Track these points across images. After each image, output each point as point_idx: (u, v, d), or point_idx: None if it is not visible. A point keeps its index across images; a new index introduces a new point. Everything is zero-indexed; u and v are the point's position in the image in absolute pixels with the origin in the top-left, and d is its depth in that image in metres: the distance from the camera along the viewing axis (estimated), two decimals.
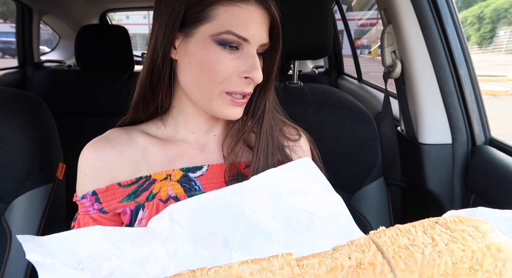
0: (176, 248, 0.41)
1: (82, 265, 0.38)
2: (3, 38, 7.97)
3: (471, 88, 0.85)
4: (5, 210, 0.76)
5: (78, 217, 0.56)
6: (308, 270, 0.33)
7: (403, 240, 0.34)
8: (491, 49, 12.02)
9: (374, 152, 0.82)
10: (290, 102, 0.85)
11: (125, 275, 0.39)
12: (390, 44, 0.92)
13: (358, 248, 0.34)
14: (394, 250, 0.33)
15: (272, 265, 0.34)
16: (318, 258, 0.34)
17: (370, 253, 0.33)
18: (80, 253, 0.39)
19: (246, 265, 0.34)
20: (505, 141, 0.82)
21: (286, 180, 0.46)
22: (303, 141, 0.67)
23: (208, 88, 0.52)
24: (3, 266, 0.74)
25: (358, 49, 11.91)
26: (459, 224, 0.35)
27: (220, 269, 0.34)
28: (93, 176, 0.55)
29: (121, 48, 1.72)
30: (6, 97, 0.80)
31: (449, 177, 0.87)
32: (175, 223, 0.42)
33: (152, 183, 0.56)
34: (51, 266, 0.37)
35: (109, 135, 0.58)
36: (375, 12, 9.13)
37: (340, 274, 0.32)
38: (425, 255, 0.32)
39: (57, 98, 1.68)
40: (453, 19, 0.84)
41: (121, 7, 2.64)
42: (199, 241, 0.41)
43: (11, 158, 0.75)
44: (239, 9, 0.49)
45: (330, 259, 0.34)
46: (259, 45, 0.52)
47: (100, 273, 0.38)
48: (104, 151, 0.55)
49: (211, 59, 0.50)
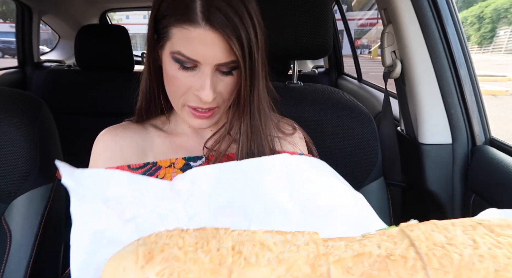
0: (196, 212, 0.41)
1: (108, 204, 0.40)
2: (3, 38, 7.98)
3: (471, 88, 0.85)
4: (5, 210, 0.76)
5: None
6: (334, 251, 0.32)
7: (439, 237, 0.32)
8: (491, 49, 12.02)
9: (374, 152, 0.82)
10: (290, 102, 0.85)
11: (146, 224, 0.40)
12: (390, 44, 0.92)
13: (390, 239, 0.32)
14: (428, 246, 0.31)
15: (297, 239, 0.33)
16: (345, 241, 0.33)
17: (403, 246, 0.31)
18: (108, 192, 0.41)
19: (270, 234, 0.33)
20: (505, 141, 0.82)
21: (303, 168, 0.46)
22: (297, 135, 0.68)
23: (173, 99, 0.58)
24: (3, 266, 0.74)
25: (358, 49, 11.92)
26: (505, 229, 0.32)
27: (243, 232, 0.34)
28: (106, 156, 0.61)
29: (121, 48, 1.72)
30: (6, 97, 0.80)
31: (449, 177, 0.86)
32: (197, 187, 0.43)
33: (157, 169, 0.60)
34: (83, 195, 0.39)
35: (124, 124, 0.65)
36: (375, 12, 9.14)
37: (367, 261, 0.30)
38: (464, 256, 0.30)
39: (57, 98, 1.68)
40: (453, 19, 0.83)
41: (121, 7, 2.64)
42: (219, 209, 0.42)
43: (11, 158, 0.75)
44: (187, 32, 0.50)
45: (358, 244, 0.32)
46: (217, 65, 0.52)
47: (124, 216, 0.40)
48: (118, 135, 0.62)
49: (171, 74, 0.54)
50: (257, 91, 0.57)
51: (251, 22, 0.51)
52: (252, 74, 0.54)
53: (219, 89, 0.55)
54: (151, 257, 0.31)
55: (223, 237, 0.33)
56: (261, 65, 0.55)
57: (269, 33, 0.83)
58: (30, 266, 0.75)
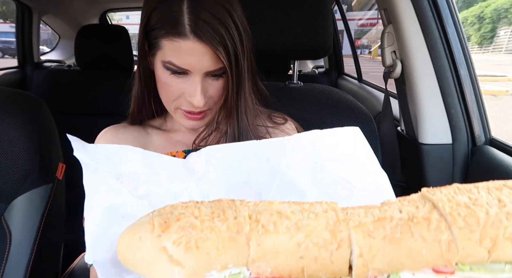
0: (209, 191, 0.41)
1: (121, 179, 0.40)
2: (3, 38, 7.98)
3: (471, 88, 0.84)
4: (5, 210, 0.76)
5: None
6: (353, 217, 0.31)
7: (463, 198, 0.31)
8: (492, 49, 12.03)
9: (374, 152, 0.82)
10: (290, 102, 0.85)
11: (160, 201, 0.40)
12: (390, 44, 0.92)
13: (411, 204, 0.32)
14: (451, 207, 0.30)
15: (315, 208, 0.32)
16: (365, 209, 0.32)
17: (425, 209, 0.31)
18: (121, 168, 0.41)
19: (287, 204, 0.33)
20: (506, 141, 0.82)
21: (330, 145, 0.44)
22: (289, 126, 0.70)
23: (166, 103, 0.61)
24: (3, 266, 0.74)
25: (358, 49, 11.92)
26: None
27: (260, 203, 0.33)
28: None
29: (121, 48, 1.71)
30: (6, 97, 0.80)
31: (449, 177, 0.86)
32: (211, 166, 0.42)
33: None
34: (95, 169, 0.39)
35: (123, 124, 0.67)
36: (375, 12, 9.14)
37: (388, 224, 0.30)
38: (490, 215, 0.29)
39: (57, 98, 1.68)
40: (454, 19, 0.83)
41: (121, 7, 2.64)
42: (233, 189, 0.41)
43: (11, 158, 0.75)
44: (177, 44, 0.53)
45: (378, 210, 0.32)
46: (207, 72, 0.55)
47: (136, 192, 0.40)
48: (119, 133, 0.64)
49: (163, 80, 0.57)
50: (243, 94, 0.60)
51: (237, 31, 0.54)
52: (239, 78, 0.57)
53: (209, 93, 0.57)
54: (167, 226, 0.30)
55: (239, 207, 0.32)
56: (247, 69, 0.58)
57: (269, 33, 0.84)
58: (30, 266, 0.75)
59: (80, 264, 0.89)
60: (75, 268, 0.87)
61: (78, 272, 0.86)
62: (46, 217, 0.79)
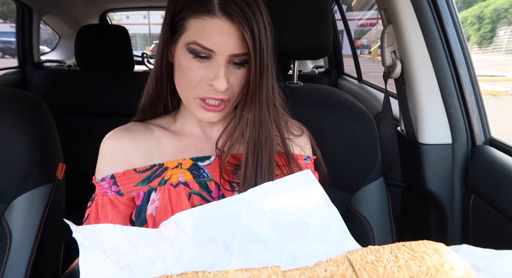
0: (181, 251, 0.46)
1: (107, 254, 0.46)
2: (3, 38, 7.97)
3: (471, 88, 0.85)
4: (5, 210, 0.76)
5: (96, 198, 0.63)
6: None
7: (371, 257, 0.41)
8: (491, 49, 12.03)
9: (374, 152, 0.82)
10: (290, 102, 0.85)
11: (138, 269, 0.46)
12: (390, 44, 0.92)
13: (334, 263, 0.41)
14: (361, 264, 0.40)
15: (262, 273, 0.40)
16: (300, 270, 0.41)
17: (343, 267, 0.40)
18: (105, 244, 0.47)
19: (240, 272, 0.40)
20: (505, 141, 0.82)
21: (283, 192, 0.50)
22: (305, 138, 0.70)
23: (184, 91, 0.59)
24: (3, 266, 0.74)
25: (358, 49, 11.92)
26: (422, 247, 0.41)
27: (218, 273, 0.41)
28: (112, 160, 0.61)
29: (121, 48, 1.71)
30: (6, 97, 0.80)
31: (449, 177, 0.87)
32: (180, 229, 0.47)
33: (164, 171, 0.61)
34: (88, 247, 0.45)
35: (128, 126, 0.65)
36: (375, 12, 9.14)
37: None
38: (387, 269, 0.39)
39: (57, 98, 1.68)
40: (453, 19, 0.83)
41: (121, 7, 2.64)
42: (202, 246, 0.47)
43: (11, 158, 0.75)
44: (204, 22, 0.52)
45: (309, 271, 0.41)
46: (230, 55, 0.54)
47: (119, 264, 0.46)
48: (123, 138, 0.62)
49: (185, 65, 0.56)
50: (266, 85, 0.58)
51: (262, 19, 0.54)
52: (261, 67, 0.56)
53: (231, 81, 0.56)
54: None
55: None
56: (270, 62, 0.58)
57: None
58: (30, 266, 0.75)
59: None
60: (75, 268, 0.88)
61: (78, 272, 0.86)
62: (46, 217, 0.79)
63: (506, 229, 0.70)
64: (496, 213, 0.73)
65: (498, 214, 0.73)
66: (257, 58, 0.54)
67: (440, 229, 0.90)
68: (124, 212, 0.62)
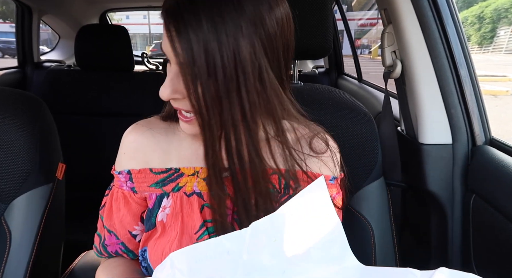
0: None
1: None
2: (3, 38, 7.96)
3: (472, 88, 0.84)
4: (5, 210, 0.76)
5: (113, 189, 0.62)
6: None
7: None
8: (492, 49, 12.02)
9: (374, 152, 0.82)
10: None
11: None
12: (390, 44, 0.92)
13: None
14: None
15: None
16: None
17: None
18: None
19: None
20: (506, 141, 0.82)
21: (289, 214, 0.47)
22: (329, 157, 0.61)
23: None
24: (2, 266, 0.74)
25: (358, 49, 11.91)
26: None
27: None
28: (130, 156, 0.60)
29: (121, 48, 1.71)
30: (6, 97, 0.80)
31: (449, 177, 0.86)
32: (176, 270, 0.45)
33: (180, 176, 0.58)
34: None
35: (151, 121, 0.62)
36: (375, 12, 9.14)
37: None
38: None
39: (57, 98, 1.68)
40: (454, 19, 0.83)
41: (121, 7, 2.64)
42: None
43: (11, 158, 0.75)
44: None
45: None
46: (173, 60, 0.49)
47: None
48: (143, 136, 0.60)
49: None
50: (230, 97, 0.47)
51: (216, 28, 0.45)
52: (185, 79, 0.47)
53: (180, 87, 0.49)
54: None
55: None
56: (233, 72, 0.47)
57: None
58: (30, 266, 0.75)
59: (80, 264, 0.89)
60: (75, 268, 0.87)
61: (78, 272, 0.86)
62: (46, 217, 0.79)
63: (506, 229, 0.70)
64: (496, 213, 0.73)
65: (498, 214, 0.73)
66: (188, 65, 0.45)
67: (440, 229, 0.90)
68: (136, 210, 0.61)
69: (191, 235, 0.54)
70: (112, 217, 0.62)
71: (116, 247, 0.64)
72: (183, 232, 0.55)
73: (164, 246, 0.55)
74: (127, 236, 0.62)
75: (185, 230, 0.55)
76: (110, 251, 0.64)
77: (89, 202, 1.18)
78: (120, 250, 0.64)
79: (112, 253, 0.64)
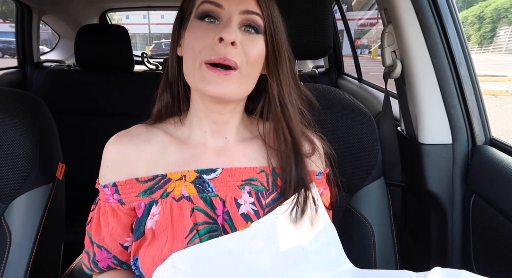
0: None
1: None
2: (3, 38, 7.96)
3: (472, 88, 0.84)
4: (5, 210, 0.76)
5: (99, 203, 0.61)
6: None
7: None
8: (492, 49, 12.02)
9: (374, 152, 0.82)
10: None
11: None
12: (390, 44, 0.92)
13: None
14: None
15: None
16: None
17: None
18: None
19: None
20: (506, 141, 0.82)
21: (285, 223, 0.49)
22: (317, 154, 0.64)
23: (190, 61, 0.54)
24: (2, 266, 0.74)
25: (358, 49, 11.92)
26: None
27: None
28: (114, 168, 0.59)
29: (121, 48, 1.71)
30: (6, 97, 0.80)
31: (449, 177, 0.86)
32: (177, 270, 0.45)
33: (167, 182, 0.58)
34: None
35: (132, 131, 0.62)
36: (375, 12, 9.14)
37: None
38: None
39: (57, 98, 1.68)
40: (454, 19, 0.83)
41: (121, 7, 2.64)
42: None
43: (11, 158, 0.75)
44: None
45: None
46: (241, 12, 0.53)
47: None
48: (126, 146, 0.59)
49: (193, 34, 0.54)
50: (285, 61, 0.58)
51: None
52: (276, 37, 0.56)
53: (241, 42, 0.53)
54: None
55: None
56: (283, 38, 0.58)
57: None
58: (30, 266, 0.75)
59: (80, 264, 0.89)
60: (75, 268, 0.87)
61: (78, 272, 0.86)
62: (46, 217, 0.79)
63: (506, 229, 0.70)
64: (496, 213, 0.73)
65: (498, 214, 0.73)
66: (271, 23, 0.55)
67: (440, 229, 0.90)
68: (125, 221, 0.60)
69: (182, 239, 0.54)
70: (101, 232, 0.61)
71: (108, 262, 0.62)
72: (174, 237, 0.54)
73: (154, 253, 0.54)
74: (119, 249, 0.61)
75: (175, 235, 0.54)
76: (101, 266, 0.63)
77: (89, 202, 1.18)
78: (113, 264, 0.63)
79: (104, 269, 0.63)
